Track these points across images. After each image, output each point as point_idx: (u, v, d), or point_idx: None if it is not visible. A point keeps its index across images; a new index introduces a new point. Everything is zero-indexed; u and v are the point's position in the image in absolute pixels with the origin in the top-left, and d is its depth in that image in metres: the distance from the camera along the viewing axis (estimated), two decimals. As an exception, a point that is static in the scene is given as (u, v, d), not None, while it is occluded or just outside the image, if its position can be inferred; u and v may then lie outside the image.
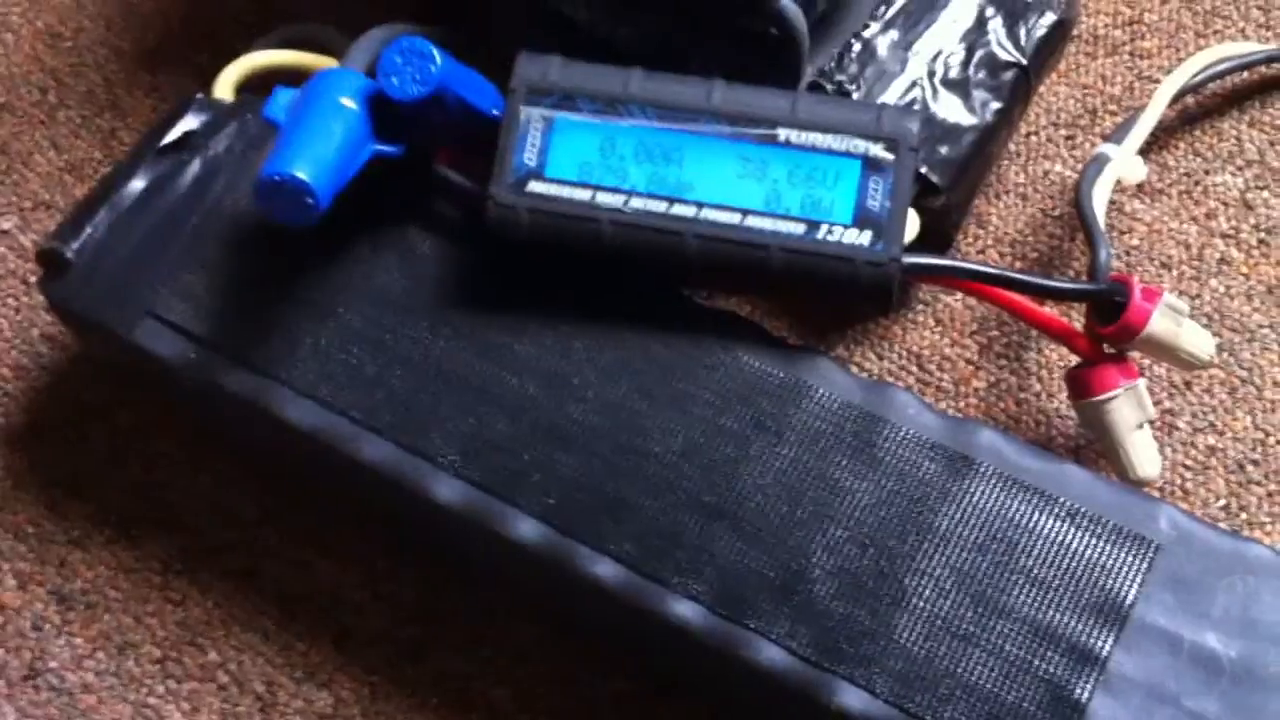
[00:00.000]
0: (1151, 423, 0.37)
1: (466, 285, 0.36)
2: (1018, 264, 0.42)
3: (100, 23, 0.49)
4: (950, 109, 0.39)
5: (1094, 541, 0.33)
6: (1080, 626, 0.32)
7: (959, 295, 0.42)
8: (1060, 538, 0.33)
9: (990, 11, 0.40)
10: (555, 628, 0.38)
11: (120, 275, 0.38)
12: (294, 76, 0.39)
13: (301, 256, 0.37)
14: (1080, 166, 0.44)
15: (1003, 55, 0.39)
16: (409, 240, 0.37)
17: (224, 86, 0.41)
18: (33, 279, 0.44)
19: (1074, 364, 0.38)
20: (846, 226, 0.34)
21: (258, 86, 0.41)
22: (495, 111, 0.37)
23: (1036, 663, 0.32)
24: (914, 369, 0.41)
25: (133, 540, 0.40)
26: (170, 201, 0.38)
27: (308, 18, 0.46)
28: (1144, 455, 0.37)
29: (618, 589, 0.33)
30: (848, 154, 0.34)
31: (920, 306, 0.42)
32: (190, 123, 0.39)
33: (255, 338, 0.36)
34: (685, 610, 0.33)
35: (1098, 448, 0.39)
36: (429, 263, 0.37)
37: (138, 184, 0.39)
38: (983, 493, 0.33)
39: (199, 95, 0.40)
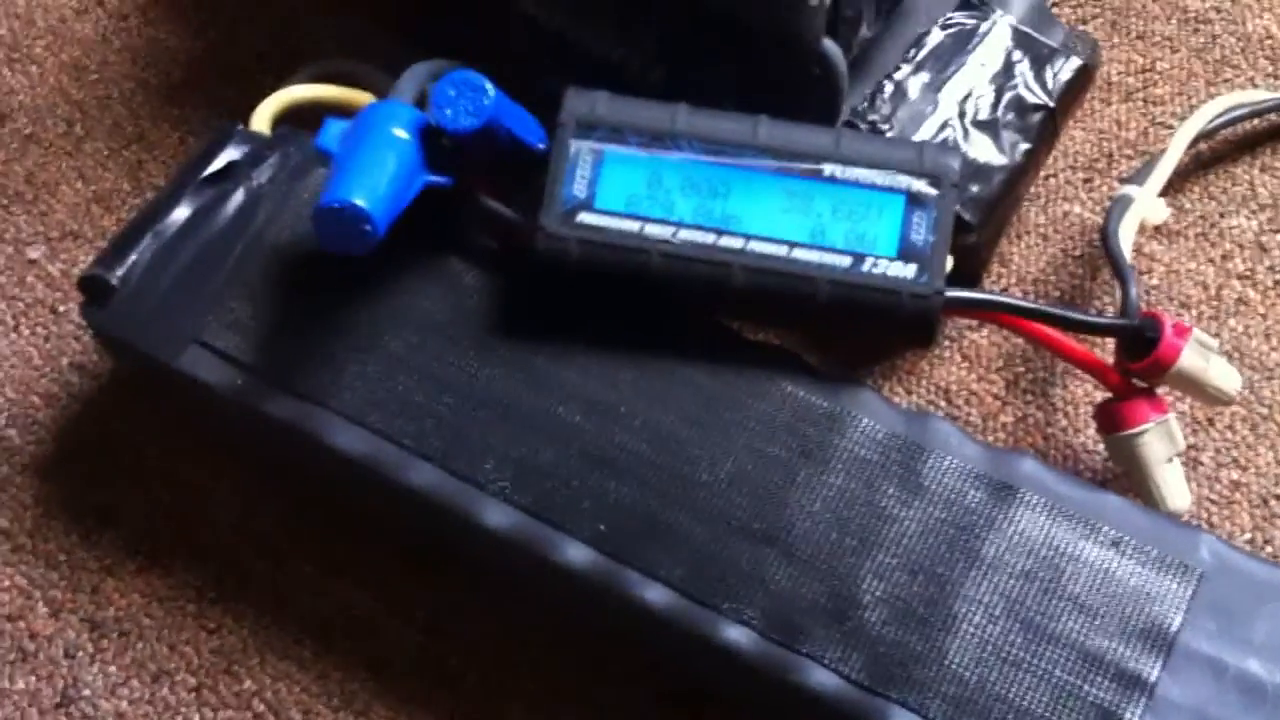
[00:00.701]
0: (1180, 455, 0.38)
1: (512, 315, 0.37)
2: (1041, 301, 0.43)
3: (125, 56, 0.49)
4: (981, 149, 0.40)
5: (1138, 569, 0.33)
6: (1127, 653, 0.32)
7: (985, 331, 0.43)
8: (1105, 565, 0.33)
9: (1017, 55, 0.41)
10: (589, 660, 0.38)
11: (164, 302, 0.38)
12: (322, 111, 0.39)
13: (345, 286, 0.37)
14: (1098, 208, 0.45)
15: (1030, 98, 0.40)
16: (452, 270, 0.38)
17: (261, 119, 0.42)
18: (62, 308, 0.45)
19: (1101, 399, 0.39)
20: (891, 259, 0.35)
21: (290, 120, 0.42)
22: (540, 145, 0.37)
23: (1086, 688, 0.32)
24: (942, 403, 0.42)
25: (165, 568, 0.40)
26: (214, 231, 0.39)
27: (331, 54, 0.47)
28: (1174, 488, 0.38)
29: (669, 614, 0.34)
30: (891, 189, 0.35)
31: (946, 342, 0.43)
32: (232, 153, 0.40)
33: (301, 365, 0.37)
34: (737, 635, 0.33)
35: (1125, 482, 0.39)
36: (473, 292, 0.37)
37: (181, 213, 0.39)
38: (1027, 521, 0.34)
39: (240, 127, 0.41)
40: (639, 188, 0.36)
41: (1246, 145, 0.46)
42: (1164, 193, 0.41)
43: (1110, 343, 0.40)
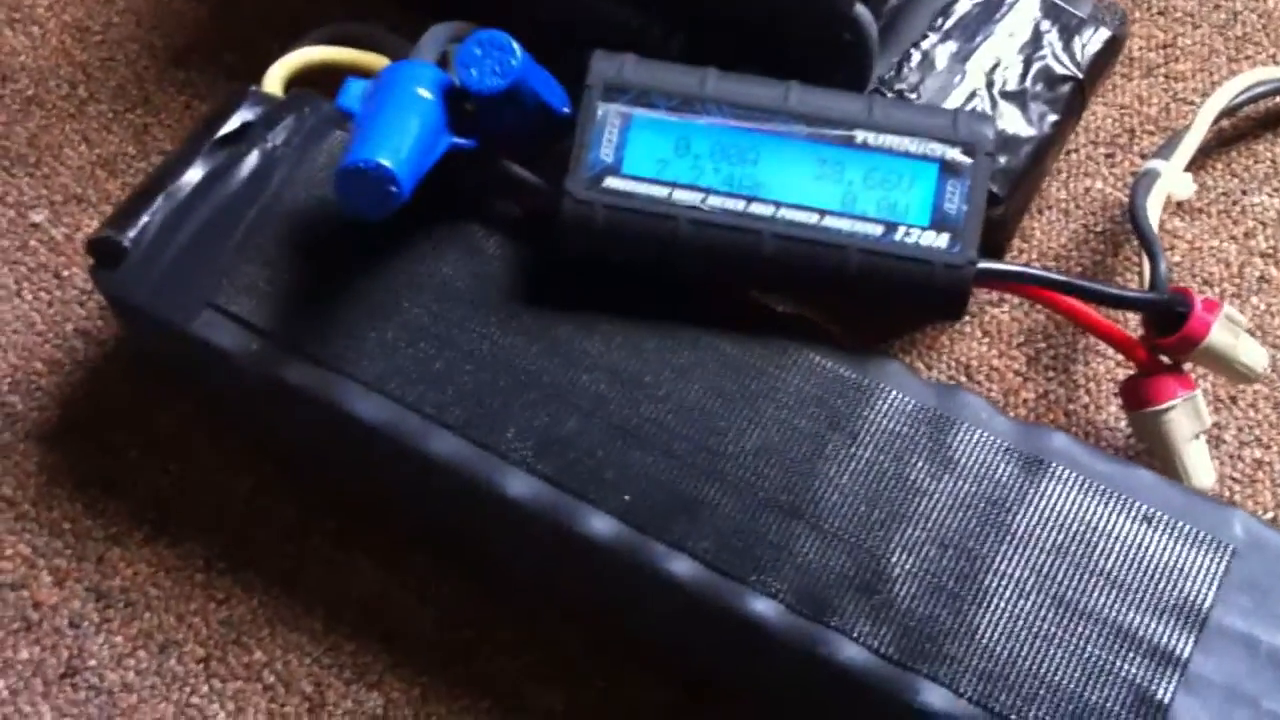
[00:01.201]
0: (1205, 433, 0.38)
1: (534, 282, 0.36)
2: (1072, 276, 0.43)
3: (130, 18, 0.49)
4: (1009, 120, 0.39)
5: (1171, 544, 0.33)
6: (1160, 628, 0.32)
7: (1006, 306, 0.42)
8: (1138, 540, 0.33)
9: (1046, 25, 0.40)
10: (604, 633, 0.38)
11: (178, 266, 0.37)
12: (337, 74, 0.38)
13: (363, 251, 0.37)
14: (1120, 184, 0.44)
15: (1059, 69, 0.40)
16: (473, 236, 0.37)
17: (273, 81, 0.41)
18: (65, 273, 0.44)
19: (1124, 376, 0.39)
20: (924, 229, 0.34)
21: (301, 83, 0.41)
22: (564, 109, 0.36)
23: (1118, 664, 0.32)
24: (963, 379, 0.42)
25: (173, 538, 0.40)
26: (228, 193, 0.38)
27: (336, 16, 0.46)
28: (1200, 465, 0.37)
29: (696, 587, 0.33)
30: (925, 157, 0.35)
31: (968, 317, 0.42)
32: (246, 115, 0.39)
33: (319, 331, 0.36)
34: (764, 608, 0.33)
35: (1147, 459, 0.39)
36: (494, 259, 0.37)
37: (194, 175, 0.38)
38: (1059, 495, 0.33)
39: (253, 88, 0.40)
40: (667, 153, 0.35)
41: (1269, 122, 0.45)
42: (1187, 169, 0.41)
43: (1135, 319, 0.39)
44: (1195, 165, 0.44)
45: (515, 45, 0.34)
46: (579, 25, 0.40)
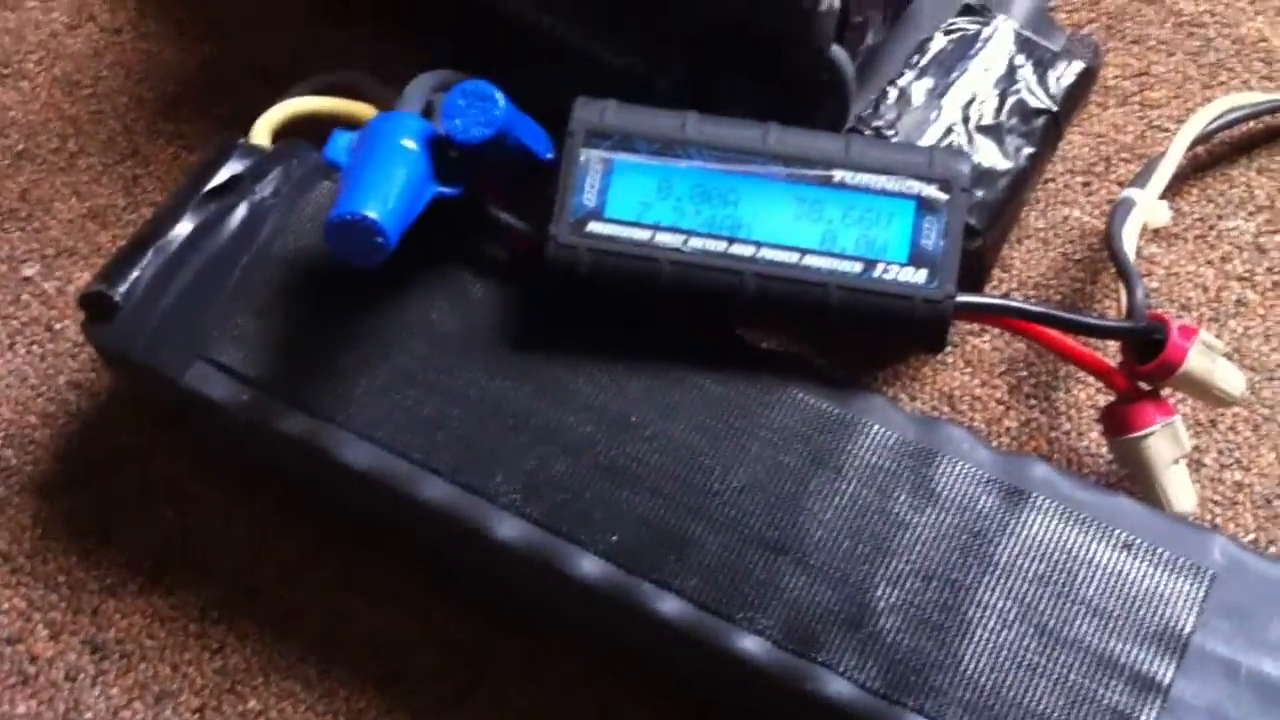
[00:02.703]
0: (1185, 457, 0.38)
1: (521, 326, 0.37)
2: (1048, 306, 0.43)
3: (119, 71, 0.49)
4: (986, 154, 0.40)
5: (1151, 571, 0.33)
6: (1142, 655, 0.32)
7: (988, 336, 0.43)
8: (1118, 568, 0.33)
9: (1020, 60, 0.41)
10: (604, 665, 0.38)
11: (169, 318, 0.37)
12: (325, 124, 0.39)
13: (352, 299, 0.37)
14: (1097, 212, 0.45)
15: (1034, 102, 0.40)
16: (460, 281, 0.38)
17: (261, 132, 0.41)
18: (58, 326, 0.44)
19: (1105, 403, 0.39)
20: (902, 265, 0.35)
21: (290, 133, 0.42)
22: (547, 155, 0.37)
23: (1101, 691, 0.32)
24: (946, 409, 0.42)
25: (167, 588, 0.40)
26: (218, 245, 0.38)
27: (325, 67, 0.46)
28: (1181, 490, 0.38)
29: (684, 625, 0.33)
30: (902, 194, 0.35)
31: (949, 348, 0.43)
32: (235, 167, 0.39)
33: (309, 380, 0.36)
34: (752, 645, 0.33)
35: (1130, 485, 0.39)
36: (481, 303, 0.37)
37: (184, 228, 0.39)
38: (1040, 525, 0.34)
39: (240, 140, 0.40)
40: (649, 196, 0.35)
41: (1243, 147, 0.46)
42: (1163, 196, 0.42)
43: (1114, 346, 0.40)
44: (1171, 191, 0.44)
45: (498, 95, 0.35)
46: (568, 66, 0.41)
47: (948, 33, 0.41)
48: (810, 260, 0.35)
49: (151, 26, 0.50)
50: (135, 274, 0.38)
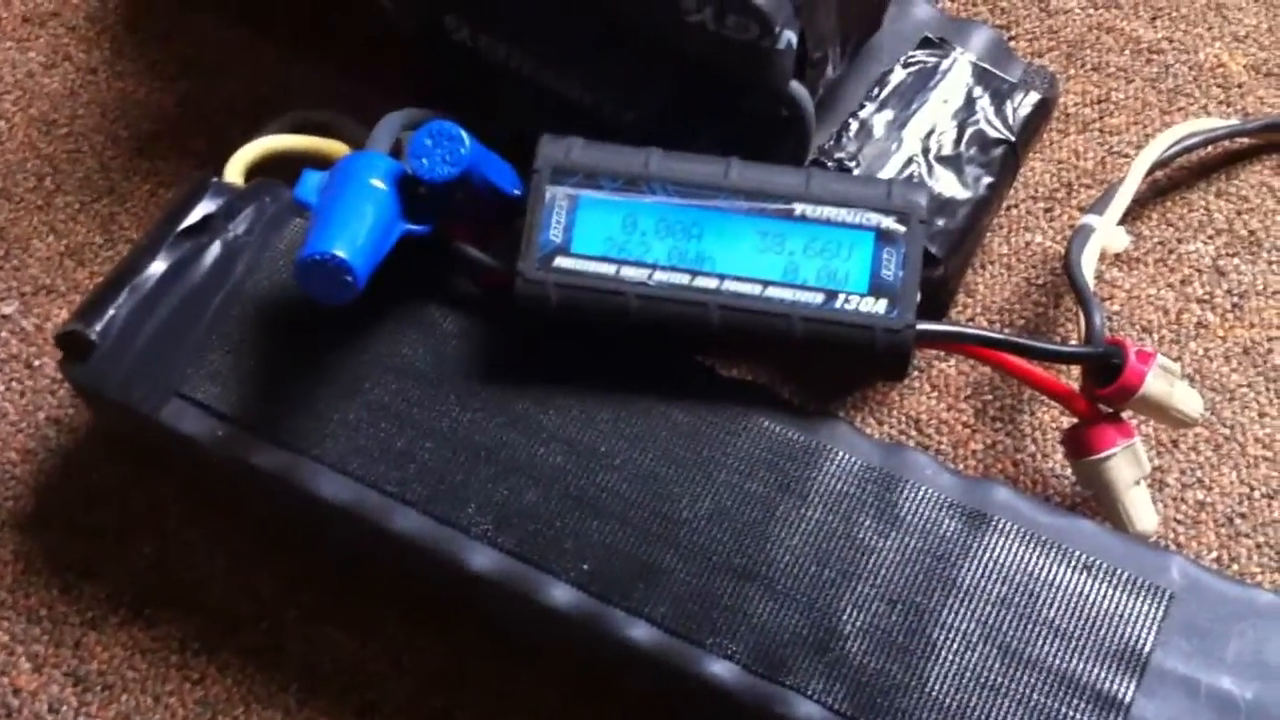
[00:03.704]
0: (1146, 478, 0.39)
1: (491, 359, 0.37)
2: (1007, 330, 0.44)
3: (95, 109, 0.50)
4: (945, 184, 0.40)
5: (1111, 592, 0.34)
6: (1103, 674, 0.33)
7: (953, 361, 0.44)
8: (1079, 589, 0.34)
9: (978, 91, 0.42)
10: (580, 691, 0.39)
11: (144, 356, 0.38)
12: (298, 161, 0.40)
13: (324, 335, 0.38)
14: (1060, 237, 0.46)
15: (992, 133, 0.41)
16: (430, 316, 0.38)
17: (235, 170, 0.42)
18: (37, 362, 0.45)
19: (1068, 425, 0.40)
20: (863, 295, 0.36)
21: (263, 171, 0.43)
22: (514, 191, 0.38)
23: (1064, 710, 0.33)
24: (913, 433, 0.43)
25: (148, 620, 0.41)
26: (192, 283, 0.39)
27: (301, 105, 0.47)
28: (1142, 510, 0.38)
29: (654, 651, 0.34)
30: (861, 226, 0.36)
31: (915, 373, 0.44)
32: (208, 206, 0.40)
33: (283, 415, 0.37)
34: (721, 670, 0.34)
35: (1093, 506, 0.40)
36: (451, 337, 0.38)
37: (158, 266, 0.39)
38: (1002, 548, 0.35)
39: (214, 179, 0.41)
40: (614, 231, 0.36)
41: (1201, 172, 0.47)
42: (1123, 221, 0.42)
43: (1076, 370, 0.41)
44: (1131, 216, 0.45)
45: (464, 135, 0.35)
46: (535, 103, 0.42)
47: (906, 65, 0.42)
48: (773, 292, 0.36)
49: (127, 66, 0.50)
50: (111, 312, 0.38)
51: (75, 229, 0.47)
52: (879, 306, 0.36)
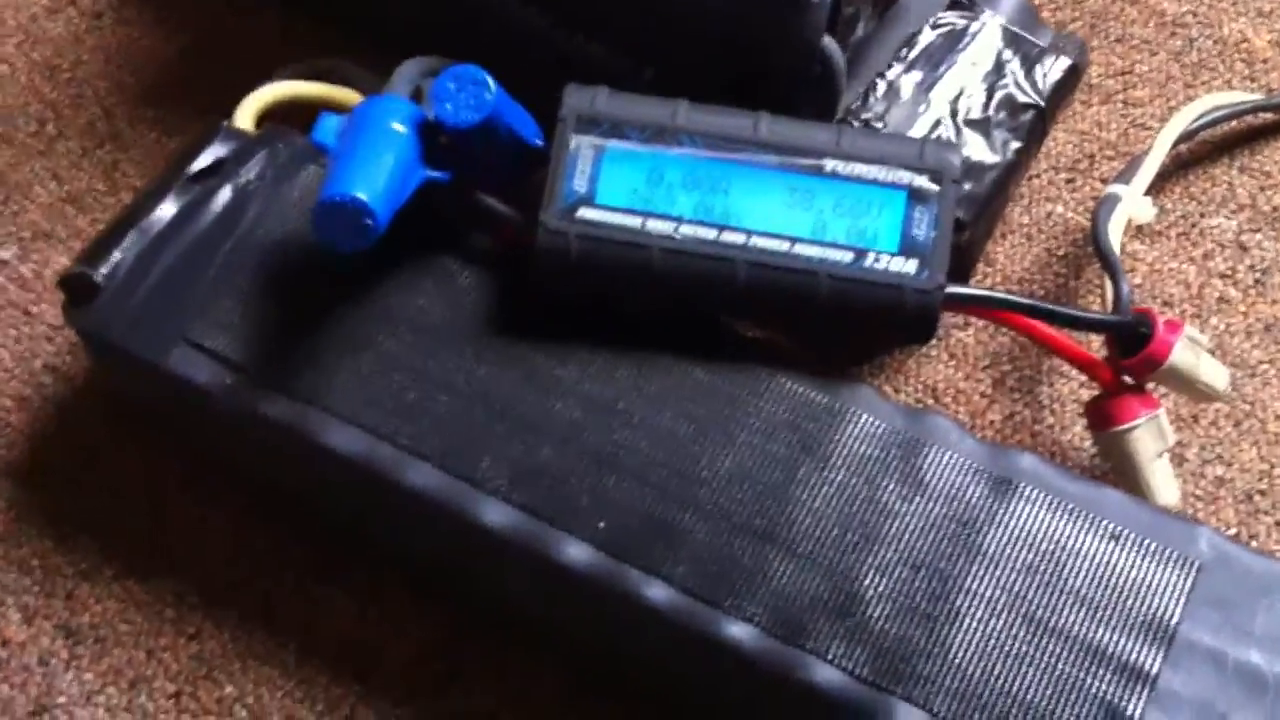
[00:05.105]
0: (1169, 451, 0.38)
1: (507, 312, 0.37)
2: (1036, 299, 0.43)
3: (99, 55, 0.49)
4: (973, 147, 0.40)
5: (1138, 561, 0.33)
6: (1129, 645, 0.32)
7: (971, 330, 0.43)
8: (1106, 558, 0.33)
9: (1008, 55, 0.41)
10: (580, 666, 0.38)
11: (151, 302, 0.37)
12: (309, 109, 0.39)
13: (338, 285, 0.37)
14: (1081, 209, 0.45)
15: (1021, 97, 0.40)
16: (446, 268, 0.37)
17: (245, 116, 0.41)
18: (34, 309, 0.44)
19: (1090, 397, 0.39)
20: (893, 255, 0.35)
21: (270, 118, 0.42)
22: (537, 141, 0.37)
23: (1089, 681, 0.32)
24: (930, 402, 0.42)
25: (143, 574, 0.40)
26: (201, 228, 0.38)
27: (307, 55, 0.46)
28: (1164, 483, 0.38)
29: (671, 613, 0.33)
30: (893, 185, 0.35)
31: (934, 341, 0.43)
32: (219, 150, 0.39)
33: (294, 364, 0.36)
34: (740, 633, 0.33)
35: (1113, 478, 0.40)
36: (467, 290, 0.37)
37: (167, 210, 0.38)
38: (1028, 515, 0.34)
39: (225, 124, 0.40)
40: (640, 183, 0.35)
41: (1225, 147, 0.46)
42: (1147, 193, 0.42)
43: (1098, 343, 0.40)
44: (1154, 189, 0.45)
45: (489, 80, 0.34)
46: (551, 60, 0.41)
47: (936, 27, 0.41)
48: (801, 249, 0.35)
49: (132, 12, 0.49)
50: (117, 256, 0.37)
51: (77, 175, 0.46)
52: (909, 266, 0.35)
